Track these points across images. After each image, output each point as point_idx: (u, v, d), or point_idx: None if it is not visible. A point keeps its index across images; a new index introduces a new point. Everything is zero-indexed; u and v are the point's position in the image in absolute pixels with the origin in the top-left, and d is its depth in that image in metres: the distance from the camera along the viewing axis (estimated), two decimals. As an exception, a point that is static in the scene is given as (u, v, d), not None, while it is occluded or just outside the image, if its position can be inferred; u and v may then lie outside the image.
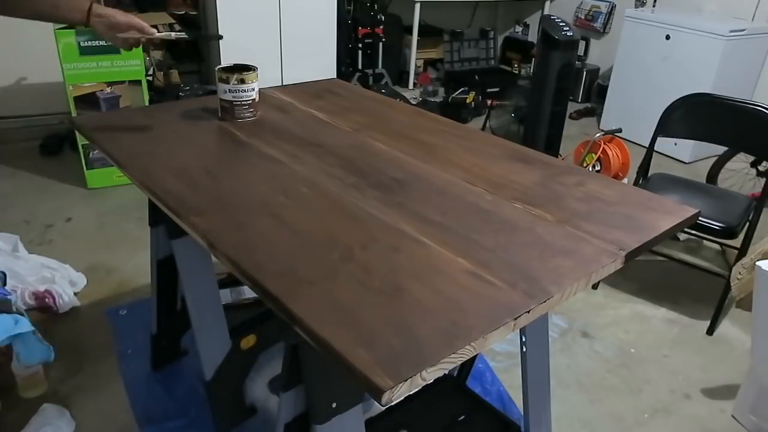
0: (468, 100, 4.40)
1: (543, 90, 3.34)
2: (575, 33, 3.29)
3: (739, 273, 1.93)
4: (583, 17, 4.98)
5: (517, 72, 5.34)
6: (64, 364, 1.89)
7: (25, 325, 0.94)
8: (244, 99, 1.49)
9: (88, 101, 2.93)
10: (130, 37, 1.35)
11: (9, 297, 0.93)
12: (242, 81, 1.47)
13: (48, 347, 0.98)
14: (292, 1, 3.72)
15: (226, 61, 2.75)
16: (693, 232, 2.49)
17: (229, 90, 1.47)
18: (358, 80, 4.52)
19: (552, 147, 3.49)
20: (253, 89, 1.50)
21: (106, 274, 2.38)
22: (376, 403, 1.33)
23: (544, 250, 0.96)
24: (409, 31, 4.76)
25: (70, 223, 2.76)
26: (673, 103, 2.36)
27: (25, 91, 3.75)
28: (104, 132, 1.40)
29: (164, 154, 1.28)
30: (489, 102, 4.32)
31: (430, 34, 5.11)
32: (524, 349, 1.38)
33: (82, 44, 2.81)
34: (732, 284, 1.95)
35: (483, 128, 4.12)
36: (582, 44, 4.90)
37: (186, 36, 1.50)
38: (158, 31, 1.40)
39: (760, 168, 3.05)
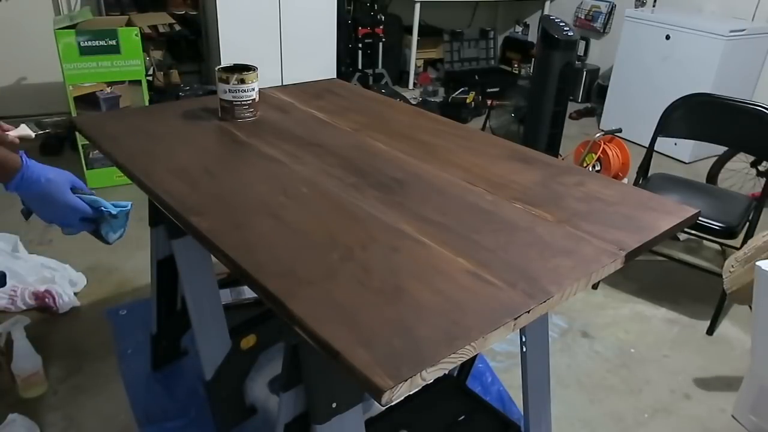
0: (468, 100, 4.40)
1: (544, 90, 3.34)
2: (575, 33, 3.29)
3: (732, 266, 1.92)
4: (583, 17, 4.98)
5: (517, 72, 5.34)
6: (64, 364, 1.89)
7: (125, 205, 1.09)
8: (244, 99, 1.49)
9: (88, 101, 2.93)
10: None
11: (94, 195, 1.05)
12: (242, 81, 1.47)
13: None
14: (292, 1, 3.73)
15: (226, 61, 2.75)
16: (693, 232, 2.49)
17: (229, 90, 1.47)
18: (358, 80, 4.52)
19: (552, 147, 3.49)
20: (253, 89, 1.50)
21: (106, 274, 2.38)
22: (376, 403, 1.33)
23: (544, 250, 0.96)
24: (409, 31, 4.76)
25: (70, 223, 2.76)
26: (673, 103, 2.36)
27: (25, 91, 3.75)
28: (104, 132, 1.40)
29: (164, 154, 1.28)
30: (489, 102, 4.32)
31: (430, 34, 5.11)
32: (524, 349, 1.38)
33: (82, 44, 2.81)
34: (724, 277, 1.94)
35: (483, 128, 4.12)
36: (582, 44, 4.91)
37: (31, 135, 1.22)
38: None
39: (760, 168, 3.06)
